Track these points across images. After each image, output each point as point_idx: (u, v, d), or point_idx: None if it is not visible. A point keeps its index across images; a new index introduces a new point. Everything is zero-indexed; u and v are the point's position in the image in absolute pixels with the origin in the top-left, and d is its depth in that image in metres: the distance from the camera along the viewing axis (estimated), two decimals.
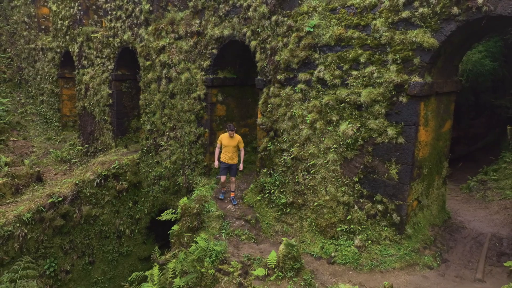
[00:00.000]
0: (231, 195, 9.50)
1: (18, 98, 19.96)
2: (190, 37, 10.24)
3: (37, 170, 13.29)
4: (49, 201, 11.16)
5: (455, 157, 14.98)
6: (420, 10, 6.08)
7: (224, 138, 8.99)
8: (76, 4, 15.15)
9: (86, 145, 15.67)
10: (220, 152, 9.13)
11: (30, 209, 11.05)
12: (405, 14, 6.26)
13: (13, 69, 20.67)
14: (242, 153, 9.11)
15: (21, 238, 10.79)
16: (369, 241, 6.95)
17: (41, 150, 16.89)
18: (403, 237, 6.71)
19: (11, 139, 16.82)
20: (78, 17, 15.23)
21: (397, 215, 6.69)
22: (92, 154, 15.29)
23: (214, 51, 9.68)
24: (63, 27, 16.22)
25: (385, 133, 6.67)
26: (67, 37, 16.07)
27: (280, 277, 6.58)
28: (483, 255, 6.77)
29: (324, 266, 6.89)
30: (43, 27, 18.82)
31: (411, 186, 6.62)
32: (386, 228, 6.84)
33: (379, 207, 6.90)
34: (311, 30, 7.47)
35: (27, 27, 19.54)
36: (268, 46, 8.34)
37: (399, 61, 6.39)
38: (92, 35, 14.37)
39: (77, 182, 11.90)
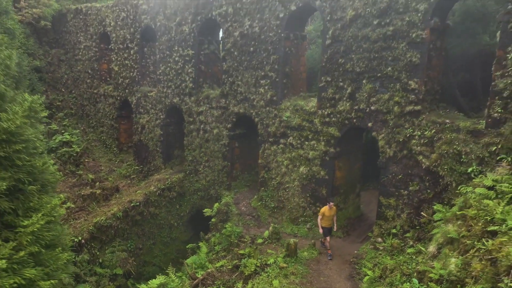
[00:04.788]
0: (329, 252, 12.21)
1: (82, 128, 27.16)
2: (219, 109, 17.46)
3: (116, 184, 20.52)
4: (132, 205, 18.37)
5: None
6: (333, 119, 13.31)
7: (325, 210, 11.76)
8: (136, 70, 22.37)
9: (141, 166, 22.88)
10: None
11: (120, 209, 18.23)
12: (327, 119, 13.49)
13: (77, 105, 27.91)
14: (335, 218, 12.22)
15: (115, 227, 17.94)
16: (313, 225, 14.16)
17: (106, 168, 24.09)
18: None
19: (86, 160, 24.03)
20: (136, 79, 22.45)
21: None
22: (146, 172, 22.47)
23: (234, 119, 16.92)
24: (124, 83, 23.45)
25: (320, 173, 13.89)
26: (127, 90, 23.30)
27: (269, 242, 13.76)
28: (368, 231, 13.96)
29: (291, 237, 14.07)
30: (103, 78, 26.06)
31: (332, 198, 13.81)
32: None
33: (318, 208, 14.10)
34: (286, 118, 14.71)
35: (89, 76, 26.75)
36: (264, 122, 15.58)
37: (325, 140, 13.62)
38: (148, 93, 21.59)
39: (146, 192, 19.11)
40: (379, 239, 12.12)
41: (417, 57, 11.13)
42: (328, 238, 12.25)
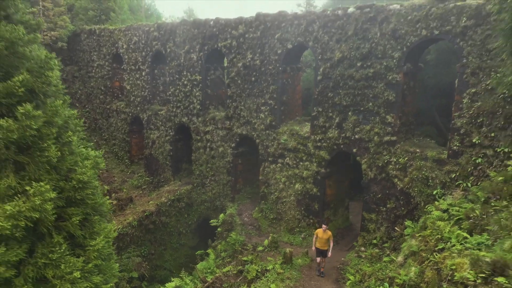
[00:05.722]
0: (321, 270, 13.14)
1: (95, 141, 29.25)
2: (224, 129, 19.56)
3: (130, 195, 22.61)
4: (145, 214, 20.47)
5: None
6: (324, 144, 15.41)
7: (319, 232, 12.47)
8: (147, 90, 24.46)
9: (151, 177, 24.97)
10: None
11: (134, 218, 20.32)
12: (319, 144, 15.59)
13: (90, 119, 30.01)
14: (331, 243, 12.59)
15: (131, 235, 20.02)
16: (307, 235, 16.26)
17: (119, 179, 26.19)
18: None
19: (100, 171, 26.10)
20: (147, 98, 24.55)
21: (318, 225, 15.99)
22: (156, 183, 24.55)
23: (237, 139, 19.02)
24: (135, 101, 25.54)
25: (313, 190, 15.99)
26: (138, 107, 25.39)
27: (269, 250, 15.84)
28: (354, 240, 16.05)
29: (288, 246, 16.17)
30: (115, 94, 28.15)
31: (323, 212, 15.92)
32: (314, 229, 16.13)
33: (311, 220, 16.21)
34: (283, 141, 16.80)
35: (102, 92, 28.84)
36: (265, 144, 17.69)
37: (317, 162, 15.71)
38: (158, 112, 23.69)
39: (158, 203, 21.21)
40: (362, 248, 14.21)
41: (393, 96, 13.23)
42: (319, 259, 12.91)
